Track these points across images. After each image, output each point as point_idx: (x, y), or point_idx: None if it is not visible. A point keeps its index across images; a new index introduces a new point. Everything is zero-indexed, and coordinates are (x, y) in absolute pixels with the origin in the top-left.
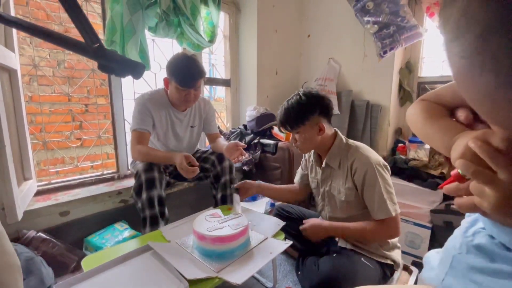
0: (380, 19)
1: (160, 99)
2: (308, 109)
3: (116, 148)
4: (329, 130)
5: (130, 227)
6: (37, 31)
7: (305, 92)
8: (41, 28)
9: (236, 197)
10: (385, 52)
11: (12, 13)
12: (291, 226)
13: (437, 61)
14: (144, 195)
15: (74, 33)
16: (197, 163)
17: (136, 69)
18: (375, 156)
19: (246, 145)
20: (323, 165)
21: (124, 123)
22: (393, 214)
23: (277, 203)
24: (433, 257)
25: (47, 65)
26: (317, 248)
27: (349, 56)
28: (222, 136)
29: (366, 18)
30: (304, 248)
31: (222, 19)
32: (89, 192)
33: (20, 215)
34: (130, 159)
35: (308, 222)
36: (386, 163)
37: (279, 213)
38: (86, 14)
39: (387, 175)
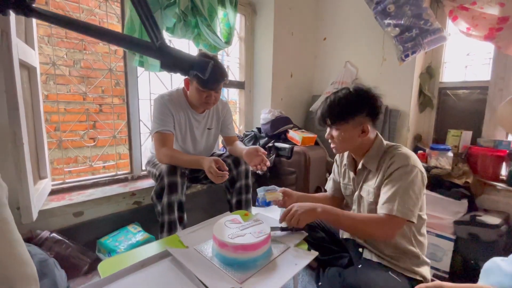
0: (402, 22)
1: (179, 100)
2: (355, 107)
3: (130, 149)
4: (372, 133)
5: (143, 229)
6: (99, 32)
7: (356, 87)
8: (105, 30)
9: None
10: (406, 56)
11: None
12: (310, 234)
13: (460, 66)
14: (165, 199)
15: None
16: (227, 168)
17: (203, 65)
18: (417, 160)
19: (266, 152)
20: (359, 167)
21: (139, 124)
22: (394, 213)
23: None
24: (499, 264)
25: (63, 64)
26: (338, 259)
27: (366, 59)
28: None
29: (386, 21)
30: (324, 258)
31: (238, 21)
32: (103, 193)
33: (35, 215)
34: (144, 160)
35: (294, 206)
36: (425, 174)
37: None
38: (106, 14)
39: (420, 182)
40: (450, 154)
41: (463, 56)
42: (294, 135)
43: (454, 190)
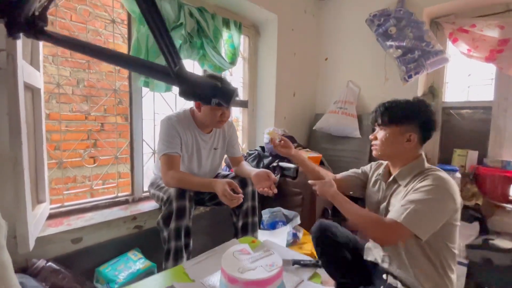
0: (404, 43)
1: (186, 121)
2: (411, 112)
3: (132, 170)
4: (417, 148)
5: (144, 256)
6: (113, 56)
7: (420, 98)
8: (119, 54)
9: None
10: (410, 77)
11: None
12: (334, 253)
13: (462, 86)
14: (173, 225)
15: None
16: (240, 190)
17: (227, 93)
18: (453, 187)
19: (277, 179)
20: (390, 179)
21: (142, 144)
22: (399, 220)
23: (321, 220)
24: None
25: (66, 83)
26: (358, 284)
27: (369, 79)
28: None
29: (388, 43)
30: (344, 281)
31: (242, 42)
32: (103, 217)
33: (32, 244)
34: (146, 181)
35: (320, 182)
36: (458, 204)
37: (323, 234)
38: (112, 35)
39: (446, 206)
40: (458, 175)
41: (465, 77)
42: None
43: (465, 213)
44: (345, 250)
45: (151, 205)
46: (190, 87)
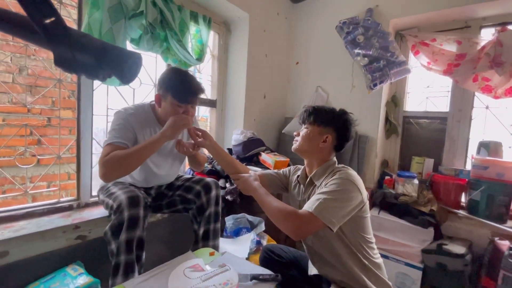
0: (371, 52)
1: (145, 116)
2: (331, 118)
3: (78, 171)
4: (330, 152)
5: (86, 271)
6: None
7: (344, 110)
8: None
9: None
10: (375, 85)
11: None
12: (282, 273)
13: (421, 96)
14: (123, 237)
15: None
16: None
17: (124, 59)
18: (359, 181)
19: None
20: (307, 181)
21: (91, 142)
22: (311, 210)
23: (266, 244)
24: None
25: (6, 70)
26: None
27: (337, 85)
28: None
29: (356, 51)
30: None
31: (211, 38)
32: (38, 227)
33: None
34: (97, 185)
35: (244, 176)
36: (365, 198)
37: (268, 257)
38: None
39: (352, 197)
40: (416, 181)
41: (424, 88)
42: (267, 158)
43: (421, 218)
44: (293, 269)
45: (99, 212)
46: (69, 51)
